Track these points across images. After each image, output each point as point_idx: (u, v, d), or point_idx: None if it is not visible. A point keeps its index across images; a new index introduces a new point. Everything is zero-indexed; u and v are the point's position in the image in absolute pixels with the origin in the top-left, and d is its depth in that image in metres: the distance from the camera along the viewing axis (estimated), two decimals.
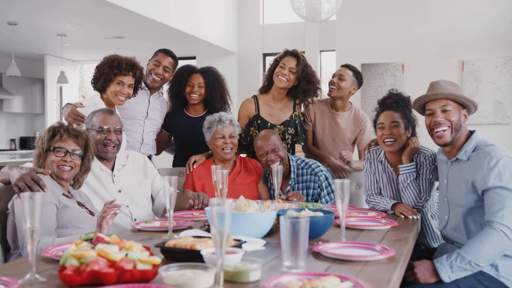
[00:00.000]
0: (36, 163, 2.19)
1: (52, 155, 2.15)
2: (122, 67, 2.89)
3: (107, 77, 2.89)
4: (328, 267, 1.49)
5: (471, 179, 2.09)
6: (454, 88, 2.23)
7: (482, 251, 1.92)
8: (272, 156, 2.93)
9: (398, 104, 2.60)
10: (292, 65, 3.23)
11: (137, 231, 2.11)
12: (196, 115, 3.41)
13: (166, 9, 6.29)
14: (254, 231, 1.82)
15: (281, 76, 3.24)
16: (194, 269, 1.31)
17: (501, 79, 6.73)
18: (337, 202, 1.82)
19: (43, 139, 2.18)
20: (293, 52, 3.29)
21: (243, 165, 3.10)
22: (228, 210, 1.23)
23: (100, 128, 2.52)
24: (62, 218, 2.04)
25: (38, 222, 1.35)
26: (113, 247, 1.36)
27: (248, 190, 2.99)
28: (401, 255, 1.64)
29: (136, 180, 2.67)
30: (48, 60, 9.27)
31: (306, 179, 2.99)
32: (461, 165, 2.18)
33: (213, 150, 3.05)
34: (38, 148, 2.19)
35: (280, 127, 3.32)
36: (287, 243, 1.40)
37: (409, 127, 2.56)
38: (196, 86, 3.33)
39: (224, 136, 2.97)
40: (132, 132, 3.24)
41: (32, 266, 1.35)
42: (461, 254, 1.93)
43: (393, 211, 2.50)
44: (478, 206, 2.09)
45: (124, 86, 2.91)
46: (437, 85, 2.25)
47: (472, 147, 2.16)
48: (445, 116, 2.19)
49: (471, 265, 1.92)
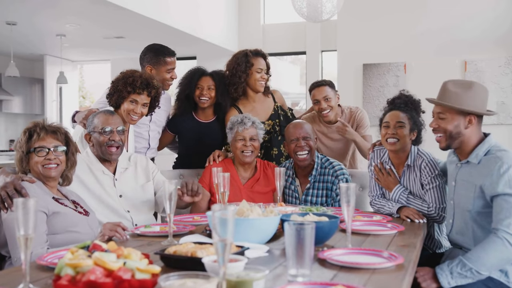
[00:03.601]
0: (20, 169, 2.09)
1: (34, 156, 2.06)
2: (136, 85, 2.72)
3: (121, 94, 2.74)
4: (335, 275, 1.43)
5: (479, 183, 2.03)
6: (461, 92, 2.10)
7: (484, 259, 1.87)
8: (302, 143, 2.84)
9: (406, 105, 2.55)
10: (264, 67, 3.27)
11: (137, 236, 2.05)
12: (205, 120, 3.32)
13: (166, 9, 6.24)
14: (257, 237, 1.76)
15: (262, 81, 3.27)
16: (195, 279, 1.24)
17: (504, 79, 6.67)
18: (342, 206, 1.77)
19: (21, 142, 2.08)
20: (259, 53, 3.32)
21: (263, 171, 3.00)
22: (231, 216, 1.18)
23: (103, 129, 2.44)
24: (53, 225, 1.97)
25: (32, 229, 1.29)
26: (110, 255, 1.30)
27: (264, 200, 2.88)
28: (410, 262, 1.59)
29: (138, 183, 2.59)
30: (48, 60, 9.21)
31: (327, 180, 2.87)
32: (471, 168, 2.12)
33: (233, 152, 2.96)
34: (18, 152, 2.08)
35: (269, 122, 3.29)
36: (292, 251, 1.34)
37: (415, 130, 2.51)
38: (206, 89, 3.23)
39: (245, 138, 2.88)
40: (138, 137, 3.15)
41: (26, 275, 1.29)
42: (463, 260, 1.89)
43: (399, 214, 2.45)
44: (485, 212, 2.03)
45: (137, 105, 2.74)
46: (443, 89, 2.17)
47: (484, 150, 2.10)
48: (440, 123, 2.15)
49: (472, 272, 1.87)
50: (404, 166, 2.52)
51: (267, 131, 3.27)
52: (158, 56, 3.20)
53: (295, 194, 2.95)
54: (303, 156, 2.84)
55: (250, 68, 3.26)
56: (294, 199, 2.95)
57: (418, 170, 2.46)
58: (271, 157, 3.26)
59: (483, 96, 2.13)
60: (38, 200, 1.88)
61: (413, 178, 2.49)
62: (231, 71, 3.29)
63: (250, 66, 3.26)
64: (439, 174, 2.43)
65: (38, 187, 2.01)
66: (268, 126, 3.28)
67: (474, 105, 2.10)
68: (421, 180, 2.45)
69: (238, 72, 3.25)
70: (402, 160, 2.54)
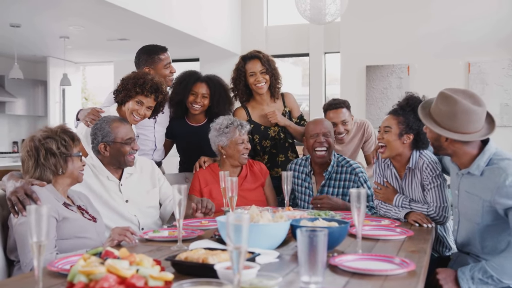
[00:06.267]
0: (34, 175, 2.03)
1: (76, 161, 2.08)
2: (146, 87, 2.73)
3: (128, 93, 2.75)
4: (347, 282, 1.42)
5: (487, 198, 2.00)
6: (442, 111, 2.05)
7: (507, 268, 1.87)
8: (322, 139, 2.85)
9: (402, 108, 2.50)
10: (257, 69, 3.19)
11: (145, 241, 2.05)
12: (197, 124, 3.32)
13: (169, 11, 6.24)
14: (267, 243, 1.76)
15: (258, 83, 3.20)
16: (208, 286, 1.24)
17: (508, 81, 6.66)
18: (353, 211, 1.76)
19: (71, 145, 2.06)
20: (252, 56, 3.26)
21: (249, 169, 3.03)
22: (246, 224, 1.17)
23: (129, 140, 2.45)
24: (63, 230, 1.96)
25: (44, 236, 1.29)
26: (123, 262, 1.29)
27: (255, 196, 2.93)
28: (421, 268, 1.58)
29: (144, 188, 2.59)
30: (51, 62, 9.21)
31: (345, 178, 2.87)
32: (474, 179, 2.08)
33: (229, 155, 2.94)
34: (54, 156, 2.02)
35: (275, 129, 3.27)
36: (305, 258, 1.34)
37: (409, 133, 2.44)
38: (200, 97, 3.22)
39: (244, 141, 2.91)
40: (144, 140, 3.14)
41: (39, 282, 1.29)
42: (485, 267, 1.88)
43: (406, 219, 2.44)
44: (495, 224, 2.02)
45: (142, 107, 2.76)
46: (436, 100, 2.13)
47: (485, 161, 2.04)
48: (427, 134, 2.21)
49: (494, 280, 1.87)
50: (406, 169, 2.51)
51: (271, 137, 3.27)
52: (151, 55, 3.20)
53: (308, 191, 2.94)
54: (321, 153, 2.85)
55: (245, 74, 3.24)
56: (307, 196, 2.93)
57: (419, 172, 2.45)
58: (277, 163, 3.26)
59: (464, 118, 2.03)
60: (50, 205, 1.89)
61: (414, 182, 2.49)
62: (232, 78, 3.31)
63: (244, 72, 3.24)
64: (440, 174, 2.42)
65: (50, 191, 2.01)
66: (274, 133, 3.26)
67: (450, 126, 2.04)
68: (422, 181, 2.44)
69: (236, 80, 3.27)
70: (402, 163, 2.52)
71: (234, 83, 3.29)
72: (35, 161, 2.02)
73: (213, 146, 3.00)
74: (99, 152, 2.47)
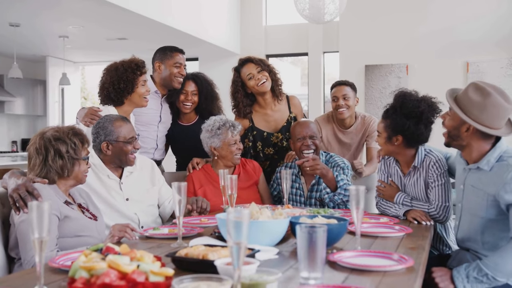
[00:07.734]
0: (40, 173, 2.02)
1: (83, 164, 2.09)
2: (140, 65, 2.82)
3: (133, 83, 2.80)
4: (346, 278, 1.44)
5: (492, 192, 2.01)
6: (473, 99, 2.05)
7: (501, 266, 1.87)
8: (309, 141, 2.87)
9: (386, 112, 2.51)
10: (253, 70, 3.17)
11: (145, 238, 2.06)
12: (188, 123, 3.34)
13: (168, 10, 6.25)
14: (267, 239, 1.77)
15: (259, 82, 3.16)
16: (208, 281, 1.25)
17: (507, 81, 6.67)
18: (352, 209, 1.78)
19: (79, 148, 2.06)
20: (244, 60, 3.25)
21: (242, 168, 3.04)
22: (246, 220, 1.18)
23: (131, 139, 2.46)
24: (64, 229, 1.97)
25: (46, 232, 1.30)
26: (124, 258, 1.31)
27: (249, 194, 2.93)
28: (420, 264, 1.59)
29: (144, 187, 2.61)
30: (50, 62, 9.21)
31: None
32: (481, 174, 2.09)
33: (221, 156, 2.95)
34: (62, 159, 2.01)
35: (278, 135, 3.26)
36: (304, 254, 1.35)
37: (397, 135, 2.43)
38: (190, 94, 3.25)
39: (236, 141, 2.93)
40: (146, 138, 3.15)
41: (40, 278, 1.30)
42: (479, 265, 1.89)
43: (405, 217, 2.46)
44: (498, 219, 2.03)
45: (146, 84, 2.86)
46: (464, 89, 2.14)
47: (496, 157, 2.05)
48: (445, 118, 2.20)
49: (489, 278, 1.87)
50: (411, 167, 2.52)
51: (273, 144, 3.27)
52: (165, 51, 3.24)
53: (299, 192, 2.96)
54: (309, 155, 2.86)
55: (242, 83, 3.22)
56: (299, 197, 2.96)
57: (424, 170, 2.46)
58: None
59: (493, 111, 2.03)
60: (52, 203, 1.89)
61: (418, 179, 2.50)
62: (231, 93, 3.28)
63: (241, 80, 3.22)
64: (446, 173, 2.43)
65: (52, 189, 2.01)
66: (276, 139, 3.25)
67: (476, 116, 2.04)
68: (427, 179, 2.45)
69: (234, 94, 3.25)
70: (404, 160, 2.54)
71: (233, 97, 3.27)
72: (43, 160, 2.02)
73: (205, 147, 3.00)
74: (101, 150, 2.47)
